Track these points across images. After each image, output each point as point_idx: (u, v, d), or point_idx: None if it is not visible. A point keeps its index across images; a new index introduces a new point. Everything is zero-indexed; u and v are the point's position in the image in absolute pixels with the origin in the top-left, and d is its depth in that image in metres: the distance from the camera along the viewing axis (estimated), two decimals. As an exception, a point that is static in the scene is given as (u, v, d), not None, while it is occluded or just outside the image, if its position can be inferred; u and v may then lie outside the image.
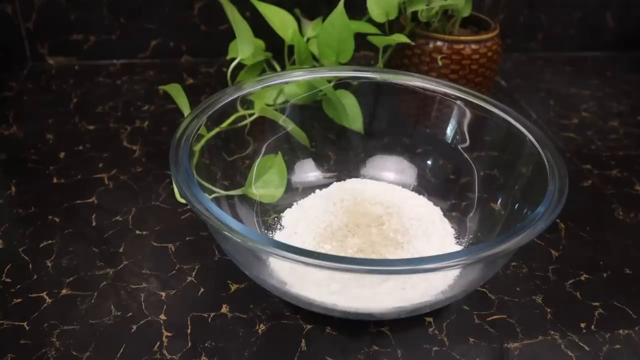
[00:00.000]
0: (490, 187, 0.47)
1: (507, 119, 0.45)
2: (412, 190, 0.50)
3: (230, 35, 0.55)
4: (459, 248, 0.44)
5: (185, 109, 0.51)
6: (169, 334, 0.39)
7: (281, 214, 0.47)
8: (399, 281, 0.36)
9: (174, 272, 0.44)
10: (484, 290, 0.43)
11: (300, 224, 0.45)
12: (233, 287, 0.42)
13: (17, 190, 0.51)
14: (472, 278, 0.37)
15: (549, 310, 0.42)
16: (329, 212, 0.44)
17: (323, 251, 0.40)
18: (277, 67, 0.61)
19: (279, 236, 0.45)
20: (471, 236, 0.45)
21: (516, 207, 0.43)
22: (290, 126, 0.51)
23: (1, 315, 0.39)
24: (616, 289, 0.44)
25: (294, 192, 0.50)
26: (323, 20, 0.57)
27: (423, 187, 0.50)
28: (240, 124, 0.48)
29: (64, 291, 0.41)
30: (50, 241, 0.46)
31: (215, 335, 0.39)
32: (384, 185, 0.50)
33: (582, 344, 0.39)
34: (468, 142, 0.49)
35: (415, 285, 0.36)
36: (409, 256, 0.40)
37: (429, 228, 0.44)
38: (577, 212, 0.51)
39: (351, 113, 0.52)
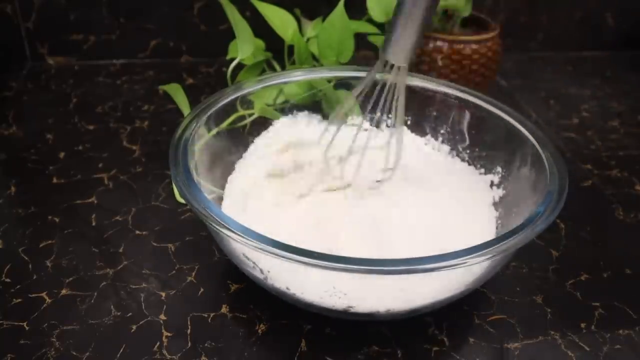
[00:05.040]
0: (490, 187, 0.47)
1: (507, 119, 0.45)
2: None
3: (230, 35, 0.55)
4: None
5: (185, 109, 0.51)
6: (169, 334, 0.39)
7: None
8: (398, 281, 0.36)
9: (174, 272, 0.44)
10: (484, 290, 0.43)
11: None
12: (233, 287, 0.42)
13: (17, 190, 0.51)
14: (472, 278, 0.37)
15: (549, 310, 0.42)
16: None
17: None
18: (277, 67, 0.61)
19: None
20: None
21: (516, 207, 0.43)
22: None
23: (1, 315, 0.39)
24: (616, 289, 0.44)
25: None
26: (323, 20, 0.57)
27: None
28: (240, 124, 0.48)
29: (63, 291, 0.41)
30: (50, 241, 0.46)
31: (215, 335, 0.39)
32: None
33: (582, 344, 0.39)
34: (468, 142, 0.49)
35: (414, 286, 0.36)
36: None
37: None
38: (577, 212, 0.51)
39: (351, 113, 0.52)
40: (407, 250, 0.39)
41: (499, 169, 0.46)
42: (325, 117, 0.52)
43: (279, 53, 0.59)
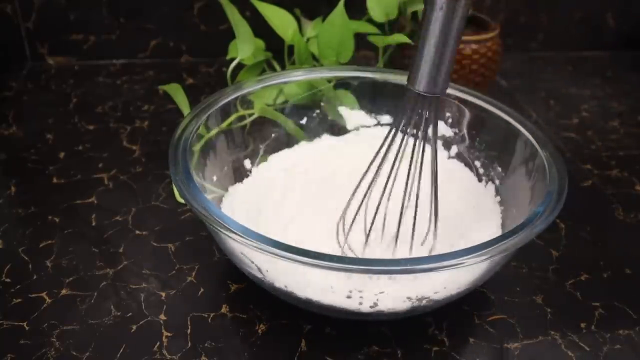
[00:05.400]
0: (489, 187, 0.47)
1: (507, 119, 0.45)
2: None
3: (230, 35, 0.55)
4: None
5: (185, 109, 0.51)
6: (169, 334, 0.39)
7: None
8: (396, 281, 0.36)
9: (174, 272, 0.44)
10: (484, 290, 0.43)
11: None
12: (233, 287, 0.42)
13: (17, 190, 0.51)
14: (471, 278, 0.37)
15: (549, 310, 0.42)
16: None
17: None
18: (277, 67, 0.61)
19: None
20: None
21: (515, 207, 0.43)
22: (290, 126, 0.51)
23: (1, 315, 0.39)
24: (616, 289, 0.44)
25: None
26: (323, 20, 0.57)
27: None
28: (240, 124, 0.48)
29: (63, 291, 0.41)
30: (50, 241, 0.46)
31: (215, 335, 0.39)
32: None
33: (582, 344, 0.39)
34: (468, 142, 0.49)
35: (412, 285, 0.36)
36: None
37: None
38: (577, 212, 0.51)
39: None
40: (408, 250, 0.39)
41: (499, 169, 0.46)
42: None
43: (279, 53, 0.59)
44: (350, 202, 0.39)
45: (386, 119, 0.53)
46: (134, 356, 0.37)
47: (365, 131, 0.52)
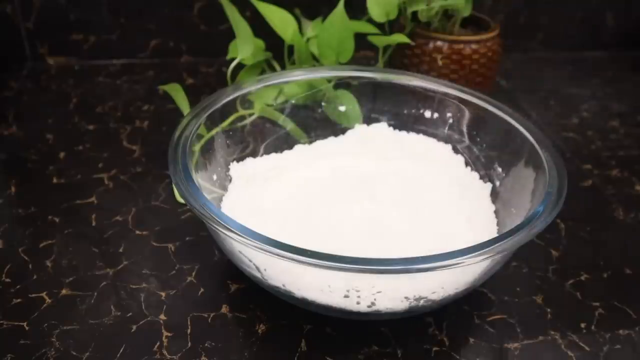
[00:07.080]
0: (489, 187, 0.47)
1: (507, 119, 0.45)
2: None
3: (230, 35, 0.55)
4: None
5: (185, 109, 0.51)
6: (169, 334, 0.39)
7: None
8: (396, 281, 0.36)
9: (174, 272, 0.44)
10: (484, 290, 0.43)
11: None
12: (233, 287, 0.42)
13: (17, 190, 0.51)
14: (471, 278, 0.37)
15: (549, 310, 0.42)
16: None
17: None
18: (277, 67, 0.61)
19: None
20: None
21: (515, 207, 0.43)
22: (290, 126, 0.51)
23: (1, 315, 0.39)
24: (616, 289, 0.44)
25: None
26: (323, 20, 0.57)
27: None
28: (240, 124, 0.48)
29: (63, 291, 0.41)
30: (50, 241, 0.46)
31: (215, 335, 0.39)
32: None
33: (582, 344, 0.39)
34: (467, 142, 0.49)
35: (410, 285, 0.36)
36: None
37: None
38: (577, 212, 0.51)
39: (351, 113, 0.52)
40: (406, 249, 0.39)
41: (499, 169, 0.46)
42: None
43: (279, 53, 0.59)
44: None
45: (386, 119, 0.53)
46: (134, 356, 0.37)
47: (365, 131, 0.52)
